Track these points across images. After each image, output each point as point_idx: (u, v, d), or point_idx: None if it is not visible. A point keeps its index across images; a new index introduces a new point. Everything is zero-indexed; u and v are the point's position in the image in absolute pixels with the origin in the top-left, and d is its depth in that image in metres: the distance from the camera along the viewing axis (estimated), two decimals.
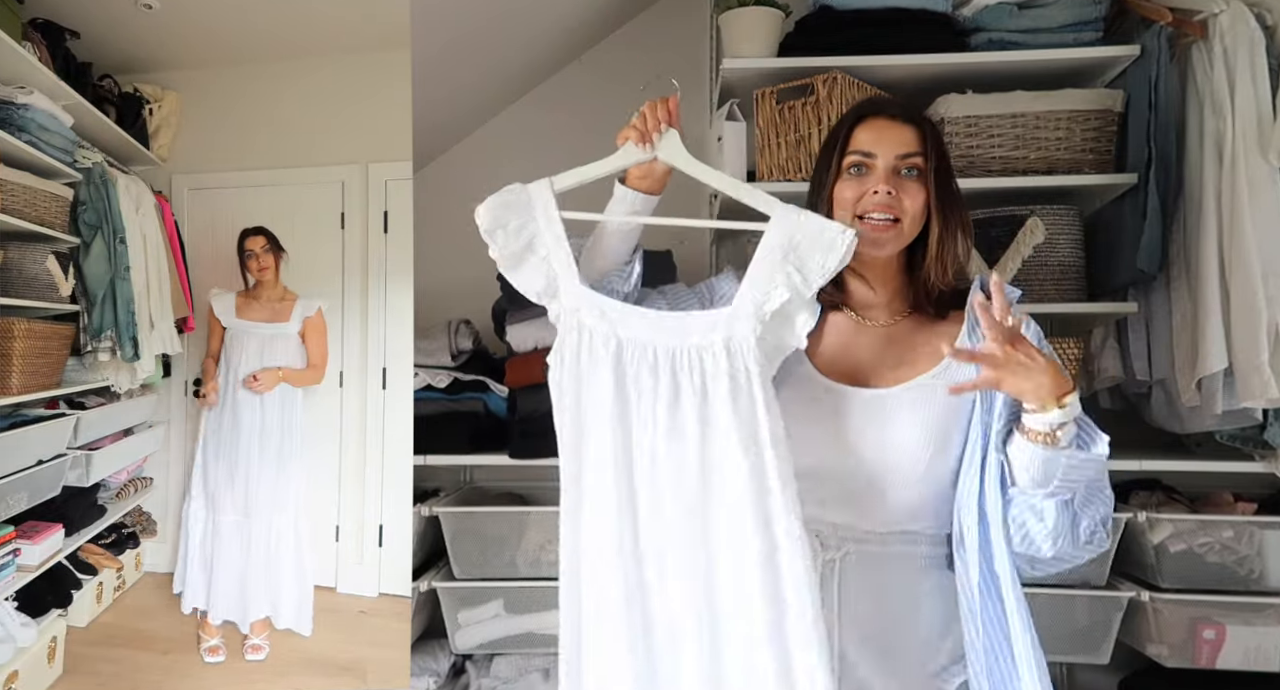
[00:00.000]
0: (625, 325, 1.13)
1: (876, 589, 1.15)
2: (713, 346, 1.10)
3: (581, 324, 1.15)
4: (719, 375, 1.09)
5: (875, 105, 1.27)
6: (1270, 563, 2.02)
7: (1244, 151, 1.87)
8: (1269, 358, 1.82)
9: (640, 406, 1.11)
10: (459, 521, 2.19)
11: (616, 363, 1.12)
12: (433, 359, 2.37)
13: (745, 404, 1.08)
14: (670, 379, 1.10)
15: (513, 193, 1.20)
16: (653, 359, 1.11)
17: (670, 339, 1.12)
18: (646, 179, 1.21)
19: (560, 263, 1.17)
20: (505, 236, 1.18)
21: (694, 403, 1.09)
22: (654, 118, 1.17)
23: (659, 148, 1.18)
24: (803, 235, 1.12)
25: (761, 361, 1.09)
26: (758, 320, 1.10)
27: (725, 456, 1.07)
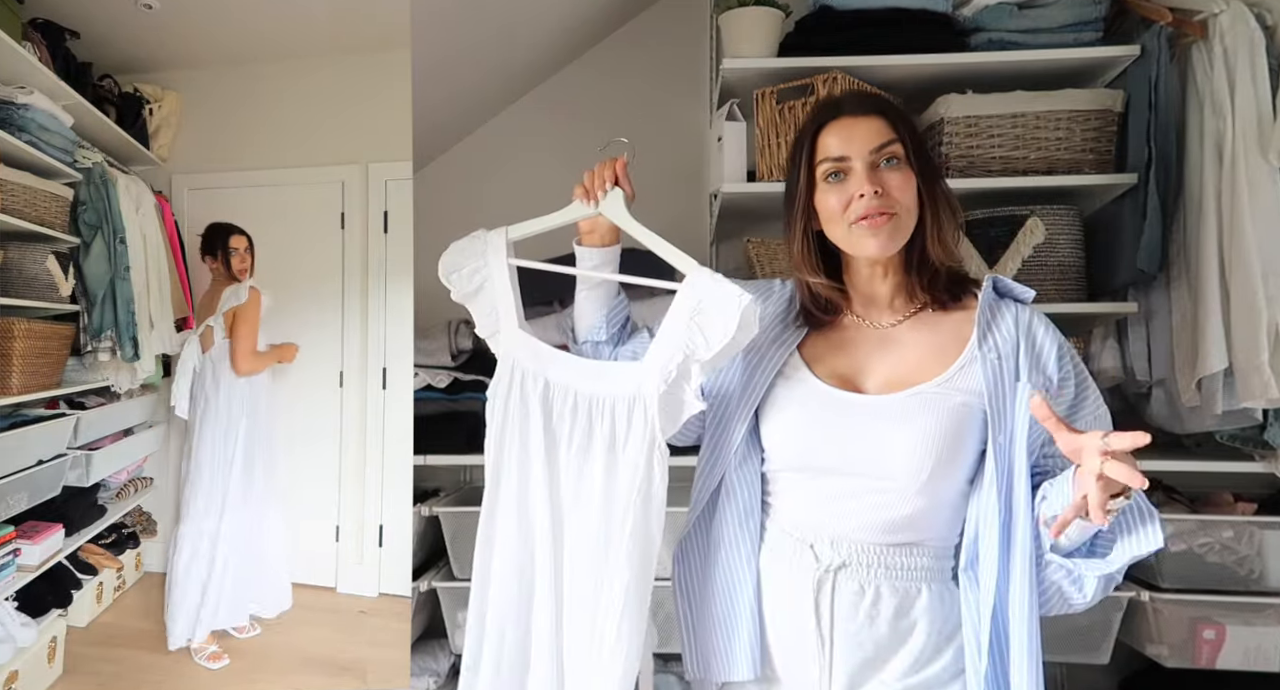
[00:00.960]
0: (554, 368, 1.24)
1: (870, 604, 1.12)
2: (624, 398, 1.19)
3: (516, 362, 1.26)
4: (622, 426, 1.18)
5: (833, 107, 1.21)
6: (1270, 563, 2.02)
7: (1244, 151, 1.87)
8: (1269, 358, 1.82)
9: (561, 444, 1.23)
10: (459, 521, 2.19)
11: (544, 401, 1.24)
12: (433, 359, 2.38)
13: (641, 458, 1.17)
14: (586, 422, 1.21)
15: (473, 239, 1.31)
16: (573, 402, 1.22)
17: (590, 385, 1.21)
18: (594, 234, 1.29)
19: (505, 306, 1.28)
20: (459, 279, 1.30)
21: (603, 448, 1.20)
22: (600, 176, 1.25)
23: (602, 205, 1.26)
24: (709, 298, 1.16)
25: (661, 419, 1.16)
26: (662, 378, 1.16)
27: (626, 502, 1.17)
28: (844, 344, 1.21)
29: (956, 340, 1.16)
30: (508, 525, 1.26)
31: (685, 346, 1.15)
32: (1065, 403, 1.13)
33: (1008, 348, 1.13)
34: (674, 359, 1.16)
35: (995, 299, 1.18)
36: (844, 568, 1.13)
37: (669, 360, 1.16)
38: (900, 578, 1.13)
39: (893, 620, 1.12)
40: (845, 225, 1.15)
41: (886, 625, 1.12)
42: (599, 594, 1.19)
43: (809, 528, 1.16)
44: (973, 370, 1.13)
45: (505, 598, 1.25)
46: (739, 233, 2.43)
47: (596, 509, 1.20)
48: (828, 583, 1.13)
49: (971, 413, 1.12)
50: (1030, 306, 1.18)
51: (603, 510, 1.19)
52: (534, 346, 1.26)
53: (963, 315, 1.18)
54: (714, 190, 2.33)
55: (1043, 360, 1.13)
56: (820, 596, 1.13)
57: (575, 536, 1.22)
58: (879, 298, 1.22)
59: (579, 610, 1.21)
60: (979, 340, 1.13)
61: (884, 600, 1.12)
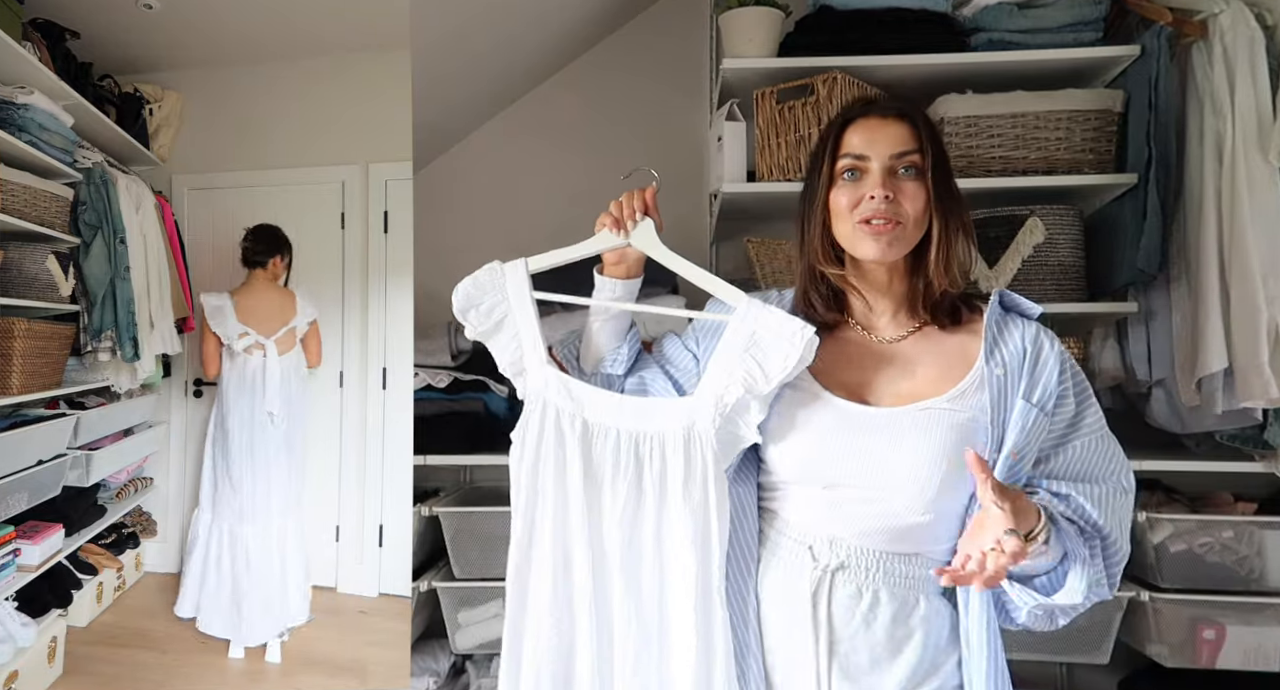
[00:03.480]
0: (592, 407, 1.17)
1: (867, 608, 1.11)
2: (673, 435, 1.13)
3: (547, 402, 1.18)
4: (676, 464, 1.12)
5: (864, 105, 1.20)
6: (1270, 563, 2.01)
7: (1244, 151, 1.87)
8: (1269, 358, 1.82)
9: (604, 488, 1.15)
10: (459, 521, 2.19)
11: (583, 443, 1.16)
12: (433, 359, 2.38)
13: (699, 497, 1.11)
14: (634, 463, 1.14)
15: (489, 272, 1.23)
16: (615, 441, 1.15)
17: (633, 423, 1.15)
18: (620, 265, 1.25)
19: (529, 342, 1.21)
20: (477, 316, 1.22)
21: (654, 490, 1.13)
22: (630, 206, 1.22)
23: (633, 236, 1.22)
24: (764, 329, 1.12)
25: (718, 454, 1.12)
26: (717, 412, 1.12)
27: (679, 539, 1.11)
28: (849, 357, 1.19)
29: (963, 356, 1.15)
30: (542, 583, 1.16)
31: (743, 380, 1.11)
32: (1064, 420, 1.13)
33: (1014, 363, 1.12)
34: (730, 392, 1.12)
35: (1002, 314, 1.17)
36: (842, 569, 1.12)
37: (724, 393, 1.12)
38: (900, 585, 1.12)
39: (890, 627, 1.11)
40: (851, 224, 1.15)
41: (884, 631, 1.11)
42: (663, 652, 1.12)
43: (808, 531, 1.15)
44: (980, 386, 1.12)
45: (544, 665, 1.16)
46: (739, 233, 2.43)
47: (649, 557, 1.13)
48: (825, 583, 1.12)
49: (977, 429, 1.11)
50: (1037, 323, 1.18)
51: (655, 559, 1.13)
52: (566, 384, 1.19)
53: (968, 332, 1.17)
54: (714, 190, 2.33)
55: (1045, 376, 1.12)
56: (818, 597, 1.12)
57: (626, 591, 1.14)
58: (882, 308, 1.20)
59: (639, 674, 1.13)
60: (986, 355, 1.13)
61: (882, 605, 1.11)
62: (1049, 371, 1.12)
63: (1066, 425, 1.13)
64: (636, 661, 1.13)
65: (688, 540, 1.10)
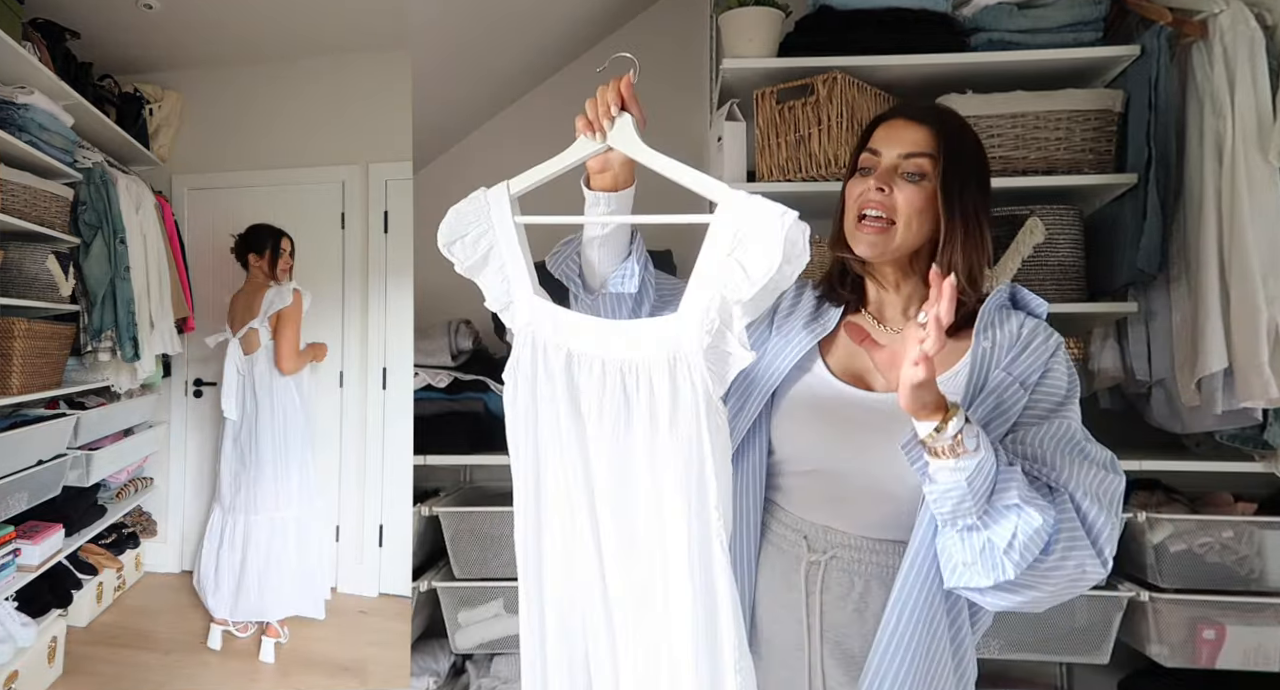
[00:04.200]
0: (576, 336, 1.05)
1: (859, 597, 1.12)
2: (662, 361, 0.99)
3: (535, 336, 1.08)
4: (663, 394, 0.99)
5: (897, 108, 1.25)
6: (1270, 563, 2.02)
7: (1244, 151, 1.87)
8: (1269, 358, 1.82)
9: (589, 424, 1.03)
10: (459, 521, 2.19)
11: (567, 376, 1.04)
12: (433, 359, 2.38)
13: (689, 430, 0.97)
14: (621, 396, 1.01)
15: (473, 200, 1.13)
16: (600, 373, 1.02)
17: (620, 352, 1.02)
18: (606, 173, 1.12)
19: (516, 271, 1.10)
20: (463, 248, 1.12)
21: (644, 422, 1.00)
22: (604, 103, 1.09)
23: (610, 136, 1.08)
24: (747, 225, 0.95)
25: (707, 378, 0.97)
26: (704, 330, 0.97)
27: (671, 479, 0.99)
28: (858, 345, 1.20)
29: (961, 349, 1.16)
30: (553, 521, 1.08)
31: (725, 287, 0.95)
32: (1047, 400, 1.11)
33: (1004, 342, 1.13)
34: (713, 304, 0.96)
35: (1005, 308, 1.19)
36: (834, 559, 1.13)
37: (708, 307, 0.96)
38: (890, 575, 1.11)
39: (880, 615, 1.09)
40: (850, 216, 1.18)
41: (874, 620, 1.10)
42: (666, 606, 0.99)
43: (805, 519, 1.17)
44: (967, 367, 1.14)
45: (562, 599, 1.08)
46: None
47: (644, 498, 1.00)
48: (817, 572, 1.13)
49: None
50: (1040, 320, 1.18)
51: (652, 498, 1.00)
52: (553, 313, 1.07)
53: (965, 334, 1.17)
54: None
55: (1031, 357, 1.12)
56: (810, 585, 1.13)
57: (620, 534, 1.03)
58: (891, 301, 1.23)
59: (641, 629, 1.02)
60: (976, 334, 1.14)
61: (872, 595, 1.12)
62: (1036, 354, 1.12)
63: (1049, 408, 1.11)
64: (639, 615, 1.02)
65: (679, 478, 0.97)
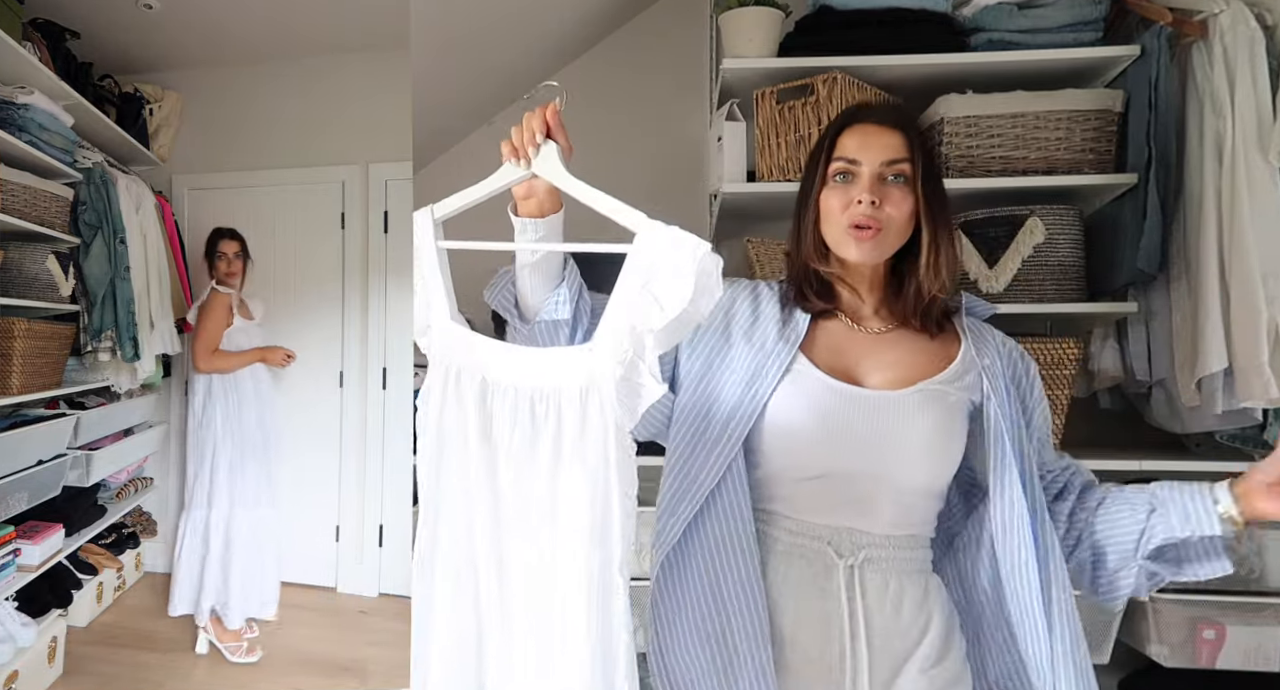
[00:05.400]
0: (494, 364, 1.04)
1: (895, 595, 1.13)
2: (572, 389, 0.98)
3: (450, 361, 1.07)
4: (572, 422, 0.98)
5: (861, 111, 1.24)
6: (1270, 563, 2.01)
7: (1244, 151, 1.87)
8: (1269, 358, 1.81)
9: (499, 451, 1.03)
10: None
11: (480, 403, 1.04)
12: None
13: (596, 458, 0.97)
14: (529, 424, 1.01)
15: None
16: (513, 400, 1.02)
17: (533, 379, 1.01)
18: (531, 200, 1.10)
19: (435, 296, 1.10)
20: None
21: (549, 452, 0.99)
22: (529, 130, 1.07)
23: (535, 163, 1.07)
24: (662, 256, 0.95)
25: (618, 409, 0.96)
26: (616, 361, 0.96)
27: (574, 507, 0.98)
28: (838, 345, 1.22)
29: (947, 346, 1.21)
30: (450, 555, 1.07)
31: (636, 317, 0.95)
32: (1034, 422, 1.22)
33: (998, 361, 1.20)
34: (625, 334, 0.96)
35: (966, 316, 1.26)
36: (869, 560, 1.13)
37: (621, 337, 0.96)
38: (912, 569, 1.15)
39: (915, 612, 1.14)
40: (839, 226, 1.19)
41: (910, 617, 1.13)
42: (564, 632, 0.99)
43: (824, 525, 1.15)
44: (970, 372, 1.19)
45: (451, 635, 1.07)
46: (739, 233, 2.43)
47: (546, 526, 1.00)
48: (855, 578, 1.13)
49: (965, 411, 1.17)
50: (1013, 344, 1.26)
51: (551, 529, 0.99)
52: (468, 339, 1.06)
53: (944, 333, 1.23)
54: (714, 190, 2.33)
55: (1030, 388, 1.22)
56: (850, 593, 1.12)
57: (522, 561, 1.02)
58: (869, 301, 1.24)
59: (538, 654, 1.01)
60: (976, 350, 1.19)
61: (906, 592, 1.14)
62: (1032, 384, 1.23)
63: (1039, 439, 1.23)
64: (539, 644, 1.01)
65: (584, 507, 0.96)
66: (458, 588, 1.07)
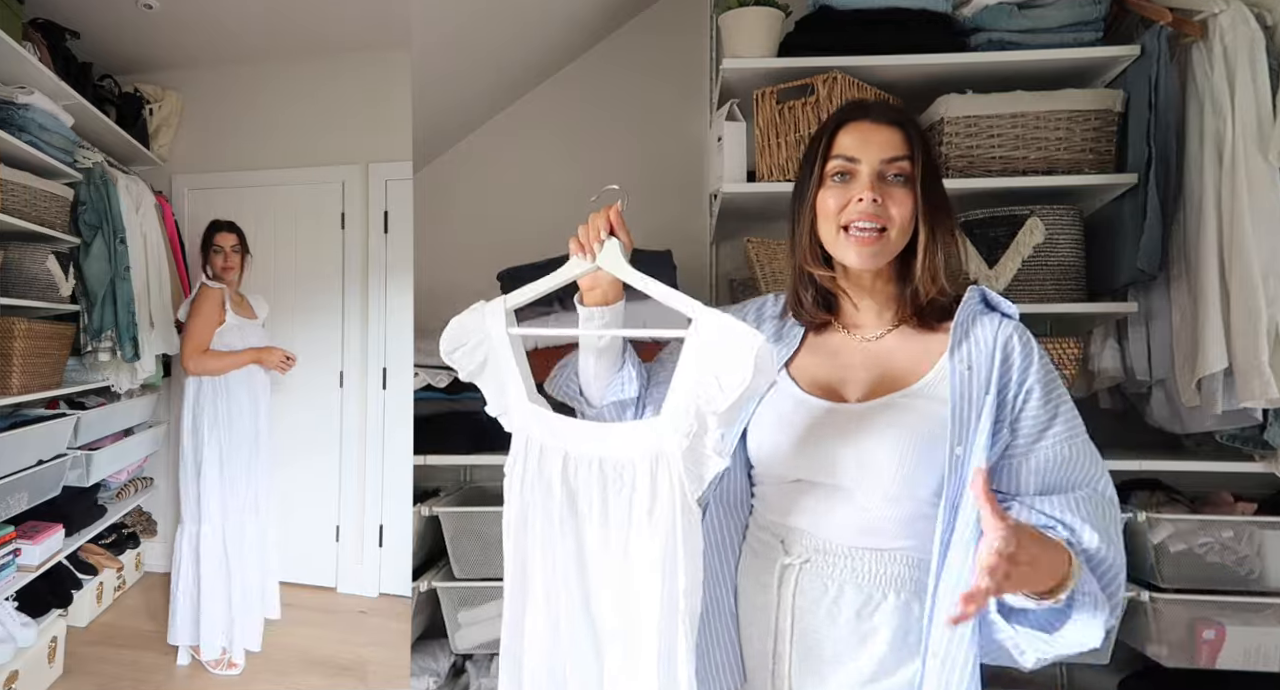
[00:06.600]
0: (573, 440, 1.15)
1: (832, 601, 1.12)
2: (644, 460, 1.09)
3: (531, 439, 1.18)
4: (643, 490, 1.09)
5: (858, 109, 1.21)
6: (1270, 563, 2.01)
7: (1244, 151, 1.87)
8: (1269, 358, 1.82)
9: (585, 519, 1.14)
10: (459, 521, 2.19)
11: (564, 476, 1.15)
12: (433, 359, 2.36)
13: (665, 524, 1.07)
14: (601, 492, 1.12)
15: (471, 313, 1.24)
16: (597, 471, 1.13)
17: (610, 451, 1.12)
18: (595, 290, 1.21)
19: (512, 380, 1.21)
20: (463, 356, 1.23)
21: (622, 517, 1.11)
22: (594, 227, 1.18)
23: (600, 257, 1.18)
24: (719, 344, 1.05)
25: (684, 477, 1.07)
26: (682, 434, 1.07)
27: (644, 567, 1.09)
28: (830, 357, 1.21)
29: (934, 351, 1.16)
30: (537, 620, 1.17)
31: (700, 398, 1.05)
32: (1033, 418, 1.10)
33: (981, 359, 1.11)
34: (690, 411, 1.06)
35: (981, 311, 1.17)
36: (808, 563, 1.13)
37: (686, 413, 1.06)
38: (866, 581, 1.11)
39: (854, 622, 1.11)
40: (836, 227, 1.15)
41: (847, 626, 1.11)
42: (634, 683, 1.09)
43: (781, 523, 1.17)
44: (943, 380, 1.12)
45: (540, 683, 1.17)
46: (739, 233, 2.43)
47: (618, 587, 1.11)
48: (791, 576, 1.14)
49: (939, 421, 1.10)
50: (1014, 321, 1.16)
51: (622, 587, 1.10)
52: (549, 420, 1.18)
53: (945, 330, 1.16)
54: (714, 190, 2.33)
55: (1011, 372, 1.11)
56: (783, 589, 1.14)
57: (604, 621, 1.13)
58: (866, 307, 1.21)
59: None
60: (951, 350, 1.13)
61: (845, 599, 1.11)
62: (1016, 368, 1.11)
63: (1040, 426, 1.10)
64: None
65: (655, 565, 1.07)
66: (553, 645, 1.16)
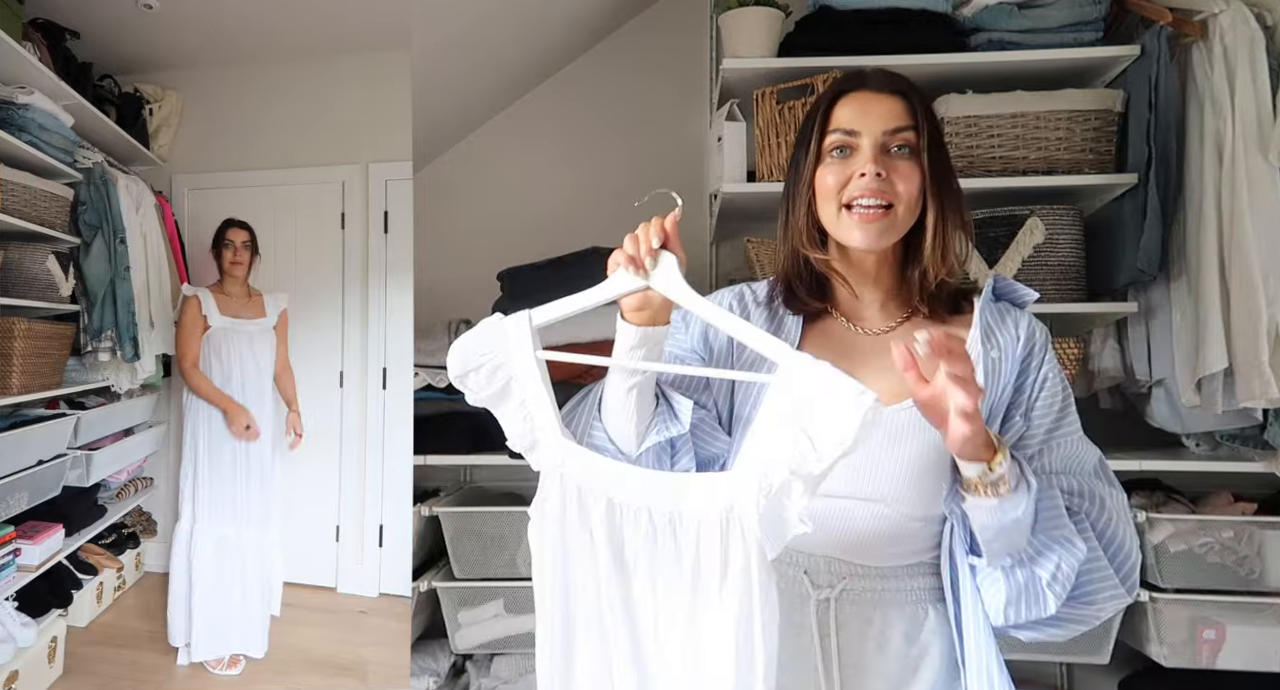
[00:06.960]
0: (618, 484, 0.97)
1: (879, 632, 1.03)
2: (713, 517, 0.93)
3: (565, 478, 0.99)
4: (714, 551, 0.92)
5: (856, 78, 1.08)
6: (1270, 563, 2.01)
7: (1244, 151, 1.87)
8: (1269, 358, 1.82)
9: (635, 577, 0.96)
10: (459, 521, 2.19)
11: (609, 526, 0.97)
12: (433, 359, 2.37)
13: (740, 590, 0.91)
14: (672, 548, 0.95)
15: (487, 328, 1.04)
16: (648, 524, 0.95)
17: (667, 502, 0.95)
18: (643, 311, 1.00)
19: (540, 409, 1.01)
20: (478, 380, 1.03)
21: (690, 578, 0.94)
22: (647, 240, 0.97)
23: (653, 276, 0.98)
24: (816, 396, 0.88)
25: (761, 540, 0.91)
26: (762, 492, 0.90)
27: (718, 637, 0.92)
28: (833, 352, 1.05)
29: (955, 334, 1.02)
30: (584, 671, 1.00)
31: (789, 457, 0.89)
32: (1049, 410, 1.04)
33: (1009, 348, 1.04)
34: (775, 469, 0.90)
35: (993, 301, 1.09)
36: (846, 592, 1.04)
37: (769, 470, 0.90)
38: (906, 599, 1.04)
39: (904, 648, 1.03)
40: (837, 206, 1.04)
41: (898, 654, 1.03)
42: None
43: (802, 554, 1.06)
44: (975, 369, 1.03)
45: None
46: (739, 233, 2.43)
47: (684, 659, 0.94)
48: (829, 611, 1.03)
49: None
50: (1031, 316, 1.09)
51: (693, 657, 0.93)
52: (587, 459, 0.99)
53: (959, 324, 1.07)
54: (714, 190, 2.33)
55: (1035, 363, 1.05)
56: (824, 627, 1.03)
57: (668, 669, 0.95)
58: (869, 298, 1.10)
59: None
60: (983, 339, 1.04)
61: (892, 626, 1.03)
62: (1035, 354, 1.05)
63: (1053, 419, 1.03)
64: None
65: (728, 644, 0.90)
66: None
